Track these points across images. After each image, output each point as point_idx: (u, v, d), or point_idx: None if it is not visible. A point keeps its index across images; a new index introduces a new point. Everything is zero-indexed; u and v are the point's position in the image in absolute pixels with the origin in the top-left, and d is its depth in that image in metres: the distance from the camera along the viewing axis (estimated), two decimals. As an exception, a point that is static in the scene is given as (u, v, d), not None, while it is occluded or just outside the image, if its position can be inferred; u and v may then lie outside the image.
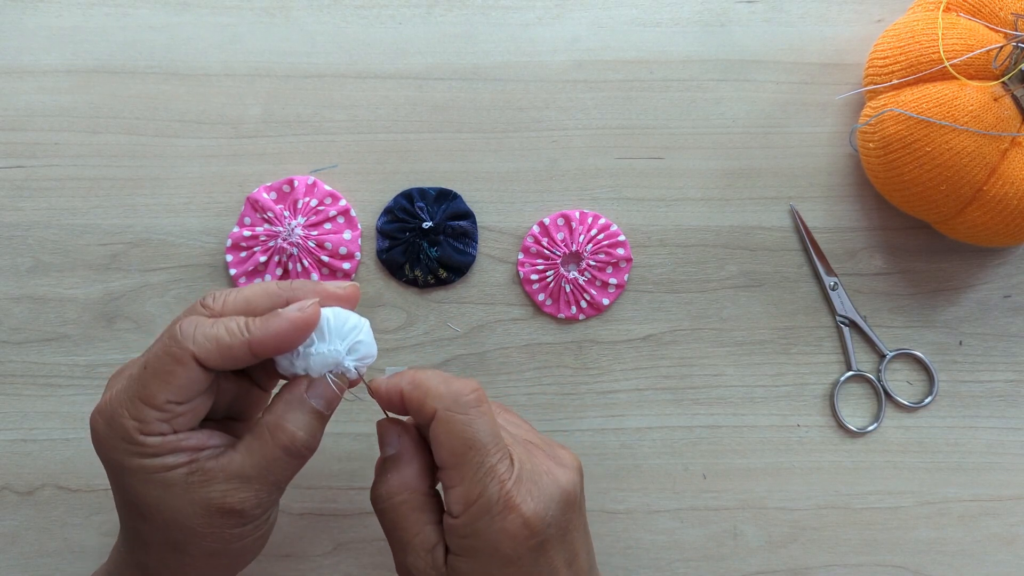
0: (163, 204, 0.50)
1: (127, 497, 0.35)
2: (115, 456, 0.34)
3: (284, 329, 0.33)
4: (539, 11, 0.51)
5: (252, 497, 0.34)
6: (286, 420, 0.34)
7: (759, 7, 0.52)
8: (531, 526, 0.34)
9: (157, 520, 0.34)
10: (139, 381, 0.33)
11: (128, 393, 0.33)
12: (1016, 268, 0.51)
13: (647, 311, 0.51)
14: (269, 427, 0.34)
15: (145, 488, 0.33)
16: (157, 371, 0.33)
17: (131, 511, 0.35)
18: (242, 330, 0.33)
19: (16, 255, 0.50)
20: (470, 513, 0.33)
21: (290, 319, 0.33)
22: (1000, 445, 0.50)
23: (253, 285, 0.36)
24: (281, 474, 0.35)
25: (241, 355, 0.33)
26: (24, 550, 0.49)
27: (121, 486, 0.35)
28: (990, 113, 0.43)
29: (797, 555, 0.50)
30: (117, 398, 0.33)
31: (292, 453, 0.34)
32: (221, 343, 0.33)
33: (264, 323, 0.33)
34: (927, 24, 0.45)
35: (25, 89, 0.50)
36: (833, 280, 0.51)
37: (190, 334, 0.33)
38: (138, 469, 0.33)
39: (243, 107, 0.50)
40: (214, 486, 0.34)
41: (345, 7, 0.51)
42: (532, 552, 0.34)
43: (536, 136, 0.51)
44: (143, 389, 0.33)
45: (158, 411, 0.33)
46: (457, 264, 0.50)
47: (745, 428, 0.50)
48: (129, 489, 0.34)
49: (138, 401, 0.33)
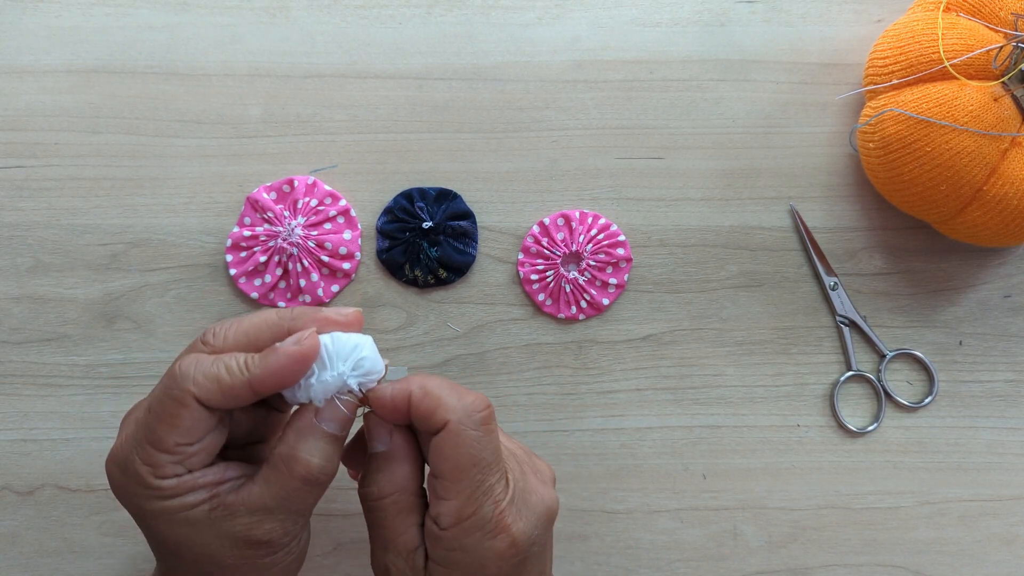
0: (163, 204, 0.50)
1: (156, 537, 0.35)
2: (135, 501, 0.34)
3: (283, 365, 0.33)
4: (539, 11, 0.51)
5: (278, 527, 0.34)
6: (299, 450, 0.33)
7: (759, 7, 0.52)
8: (518, 546, 0.34)
9: (187, 557, 0.34)
10: (146, 426, 0.33)
11: (137, 438, 0.33)
12: (1016, 268, 0.51)
13: (647, 311, 0.51)
14: (283, 459, 0.33)
15: (170, 528, 0.33)
16: (161, 415, 0.33)
17: (161, 549, 0.35)
18: (242, 369, 0.33)
19: (16, 255, 0.50)
20: (461, 528, 0.33)
21: (288, 354, 0.33)
22: (1000, 445, 0.50)
23: (253, 316, 0.35)
24: (303, 503, 0.34)
25: (243, 394, 0.33)
26: (24, 550, 0.49)
27: (147, 528, 0.35)
28: (990, 113, 0.43)
29: (797, 555, 0.50)
30: (127, 443, 0.33)
31: (310, 482, 0.34)
32: (222, 383, 0.33)
33: (264, 360, 0.33)
34: (927, 24, 0.45)
35: (25, 89, 0.50)
36: (833, 280, 0.51)
37: (190, 375, 0.33)
38: (160, 512, 0.33)
39: (243, 107, 0.50)
40: (238, 519, 0.33)
41: (345, 7, 0.51)
42: (513, 569, 0.35)
43: (536, 136, 0.51)
44: (151, 433, 0.33)
45: (169, 454, 0.33)
46: (457, 264, 0.50)
47: (745, 428, 0.50)
48: (155, 530, 0.34)
49: (147, 446, 0.33)
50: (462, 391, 0.35)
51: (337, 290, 0.50)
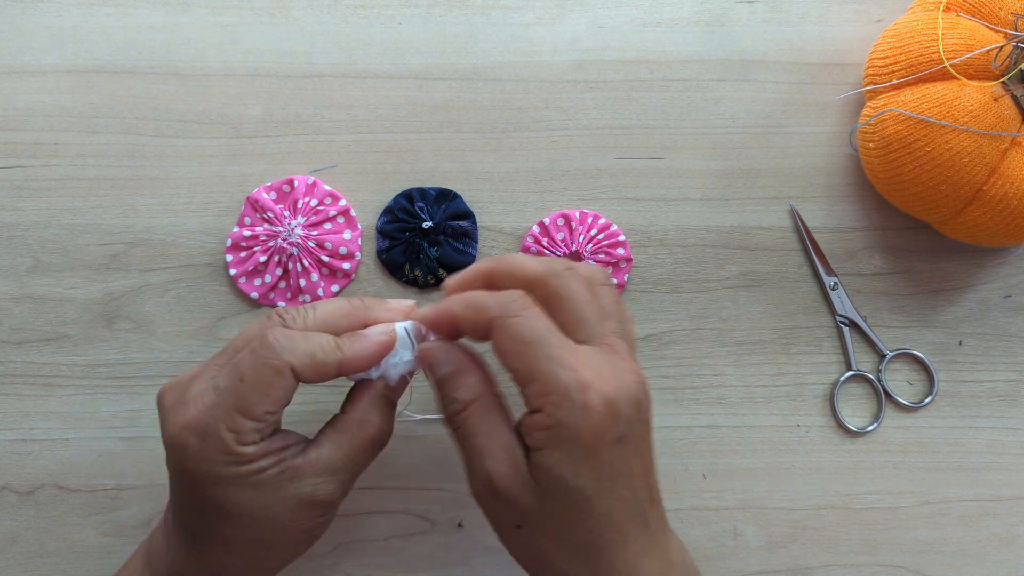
0: (163, 204, 0.50)
1: (213, 503, 0.36)
2: (209, 468, 0.35)
3: (373, 351, 0.37)
4: (539, 11, 0.51)
5: (339, 488, 0.37)
6: (371, 414, 0.38)
7: (759, 7, 0.52)
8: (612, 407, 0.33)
9: (246, 520, 0.36)
10: (236, 394, 0.35)
11: (223, 407, 0.35)
12: (1016, 268, 0.51)
13: (647, 311, 0.51)
14: (357, 423, 0.38)
15: (238, 492, 0.36)
16: (256, 383, 0.35)
17: (215, 515, 0.36)
18: (334, 348, 0.36)
19: (16, 255, 0.50)
20: (549, 401, 0.33)
21: (379, 342, 0.37)
22: (1000, 445, 0.50)
23: (327, 304, 0.38)
24: (365, 463, 0.39)
25: (330, 371, 0.36)
26: (24, 550, 0.49)
27: (207, 495, 0.36)
28: (990, 113, 0.43)
29: (797, 555, 0.50)
30: (210, 412, 0.35)
31: (377, 443, 0.38)
32: (316, 359, 0.36)
33: (355, 343, 0.37)
34: (927, 24, 0.45)
35: (25, 89, 0.50)
36: (833, 280, 0.51)
37: (288, 347, 0.35)
38: (234, 477, 0.35)
39: (243, 107, 0.50)
40: (305, 480, 0.36)
41: (345, 7, 0.51)
42: (611, 447, 0.34)
43: (536, 136, 0.51)
44: (242, 401, 0.35)
45: (255, 421, 0.35)
46: (457, 264, 0.50)
47: (745, 428, 0.50)
48: (218, 496, 0.36)
49: (236, 414, 0.35)
50: (495, 292, 0.36)
51: (337, 290, 0.50)
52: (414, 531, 0.49)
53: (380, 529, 0.49)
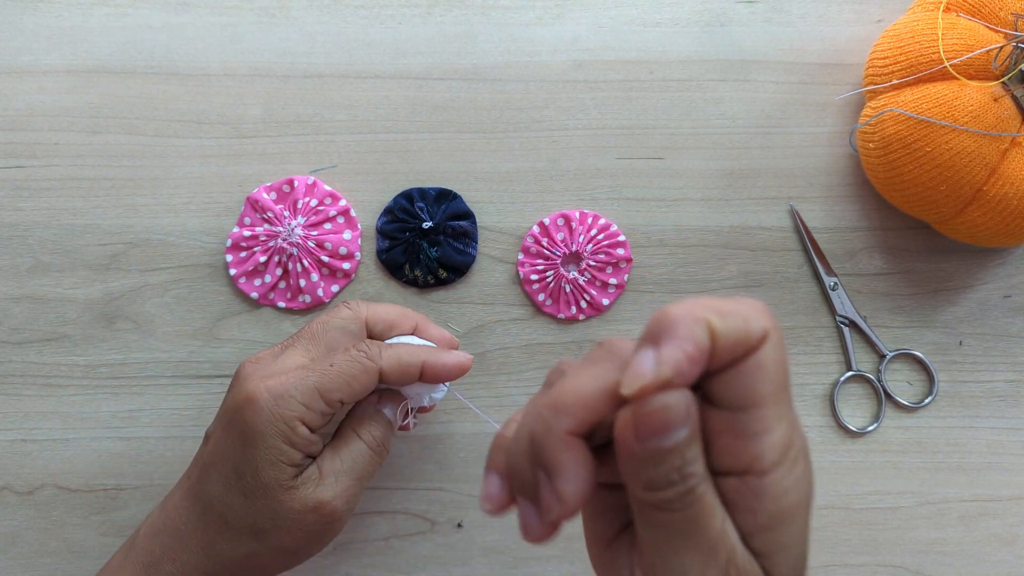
0: (163, 204, 0.50)
1: (241, 469, 0.37)
2: (262, 424, 0.37)
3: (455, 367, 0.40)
4: (539, 11, 0.51)
5: (345, 497, 0.39)
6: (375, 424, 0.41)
7: (759, 7, 0.52)
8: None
9: (259, 503, 0.37)
10: (323, 375, 0.38)
11: (308, 383, 0.37)
12: (1016, 268, 0.51)
13: (647, 311, 0.51)
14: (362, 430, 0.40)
15: (266, 468, 0.37)
16: (343, 373, 0.38)
17: (234, 485, 0.37)
18: (418, 356, 0.40)
19: (16, 255, 0.50)
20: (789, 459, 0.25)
21: (461, 363, 0.41)
22: (1000, 445, 0.50)
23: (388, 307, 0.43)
24: (371, 470, 0.40)
25: (414, 374, 0.40)
26: (24, 550, 0.49)
27: (243, 457, 0.37)
28: (990, 113, 0.43)
29: (797, 555, 0.50)
30: (294, 384, 0.37)
31: (379, 452, 0.40)
32: (402, 362, 0.39)
33: (436, 355, 0.40)
34: (927, 24, 0.45)
35: (25, 89, 0.50)
36: (833, 280, 0.51)
37: (378, 352, 0.39)
38: (276, 450, 0.37)
39: (243, 107, 0.50)
40: (313, 483, 0.38)
41: (345, 7, 0.51)
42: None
43: (536, 136, 0.51)
44: (326, 383, 0.37)
45: (327, 406, 0.38)
46: (457, 264, 0.50)
47: (745, 428, 0.50)
48: (250, 462, 0.37)
49: (316, 392, 0.37)
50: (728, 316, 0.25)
51: (337, 290, 0.50)
52: (414, 531, 0.49)
53: (380, 529, 0.49)
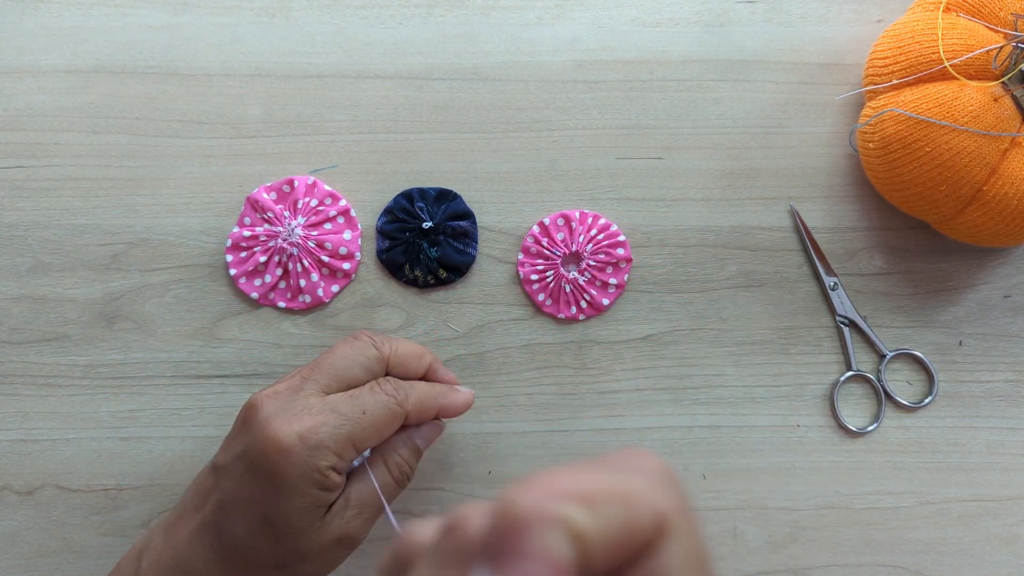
0: (163, 204, 0.50)
1: (271, 516, 0.37)
2: (295, 475, 0.36)
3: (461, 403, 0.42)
4: (539, 11, 0.51)
5: (365, 526, 0.39)
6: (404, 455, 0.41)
7: (759, 7, 0.51)
8: None
9: (289, 544, 0.37)
10: (356, 424, 0.38)
11: (342, 432, 0.37)
12: (1016, 268, 0.51)
13: (647, 311, 0.51)
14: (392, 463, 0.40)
15: (300, 515, 0.37)
16: (376, 421, 0.38)
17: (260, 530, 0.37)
18: (436, 396, 0.41)
19: (16, 255, 0.50)
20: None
21: (467, 400, 0.42)
22: (1000, 445, 0.50)
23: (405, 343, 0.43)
24: (389, 500, 0.40)
25: (430, 416, 0.41)
26: (24, 550, 0.49)
27: (274, 504, 0.37)
28: (990, 113, 0.43)
29: (797, 555, 0.50)
30: (328, 433, 0.37)
31: (402, 483, 0.41)
32: (422, 405, 0.40)
33: (450, 396, 0.41)
34: (927, 24, 0.45)
35: (25, 89, 0.50)
36: (833, 280, 0.51)
37: (405, 397, 0.39)
38: (310, 497, 0.37)
39: (243, 107, 0.50)
40: (339, 515, 0.38)
41: (345, 7, 0.51)
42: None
43: (536, 136, 0.51)
44: (360, 432, 0.38)
45: (358, 453, 0.38)
46: (457, 264, 0.50)
47: (745, 428, 0.50)
48: (282, 510, 0.36)
49: (349, 443, 0.37)
50: None
51: (337, 290, 0.50)
52: (414, 531, 0.49)
53: (381, 529, 0.49)
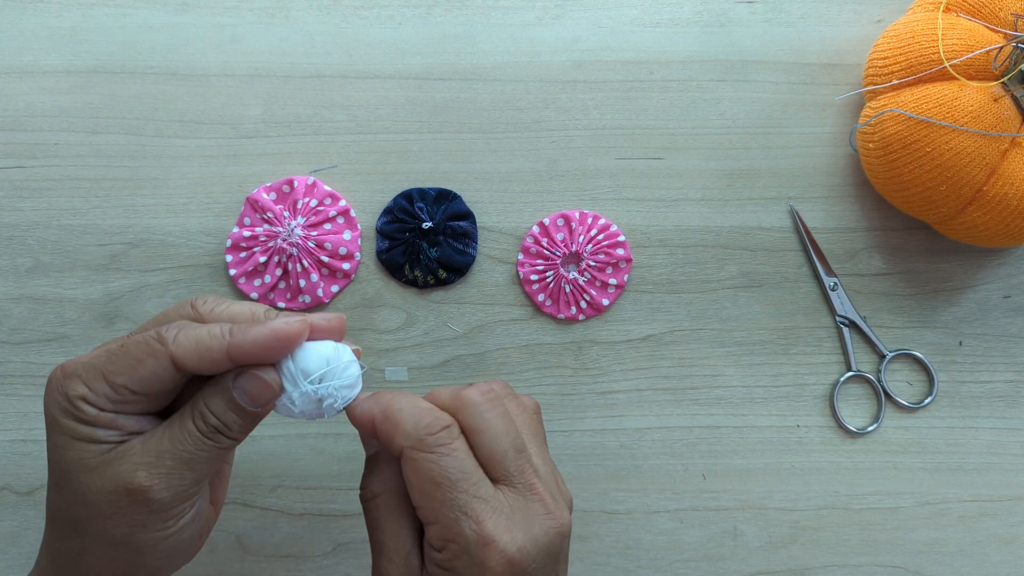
0: (163, 204, 0.50)
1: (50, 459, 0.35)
2: (52, 409, 0.34)
3: (265, 338, 0.33)
4: (539, 11, 0.51)
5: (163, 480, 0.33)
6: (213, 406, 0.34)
7: (759, 7, 0.51)
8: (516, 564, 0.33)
9: (66, 491, 0.34)
10: (111, 355, 0.34)
11: (96, 362, 0.34)
12: (1016, 268, 0.51)
13: (647, 311, 0.51)
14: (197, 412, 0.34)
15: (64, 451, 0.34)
16: (128, 355, 0.33)
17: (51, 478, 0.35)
18: (224, 334, 0.33)
19: (16, 255, 0.50)
20: (449, 551, 0.33)
21: (273, 329, 0.33)
22: (1000, 445, 0.50)
23: (242, 303, 0.36)
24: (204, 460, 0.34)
25: (219, 358, 0.33)
26: (24, 550, 0.49)
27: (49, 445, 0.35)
28: (990, 113, 0.43)
29: (797, 555, 0.50)
30: (84, 361, 0.34)
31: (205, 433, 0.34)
32: (200, 344, 0.33)
33: (247, 329, 0.33)
34: (927, 24, 0.45)
35: (25, 89, 0.50)
36: (833, 280, 0.51)
37: (173, 335, 0.33)
38: (66, 429, 0.34)
39: (243, 107, 0.50)
40: (127, 460, 0.33)
41: (345, 7, 0.51)
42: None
43: (536, 136, 0.51)
44: (110, 364, 0.33)
45: (111, 390, 0.33)
46: (457, 264, 0.50)
47: (745, 428, 0.50)
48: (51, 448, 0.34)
49: (99, 373, 0.33)
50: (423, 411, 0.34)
51: (337, 290, 0.50)
52: (414, 531, 0.49)
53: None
